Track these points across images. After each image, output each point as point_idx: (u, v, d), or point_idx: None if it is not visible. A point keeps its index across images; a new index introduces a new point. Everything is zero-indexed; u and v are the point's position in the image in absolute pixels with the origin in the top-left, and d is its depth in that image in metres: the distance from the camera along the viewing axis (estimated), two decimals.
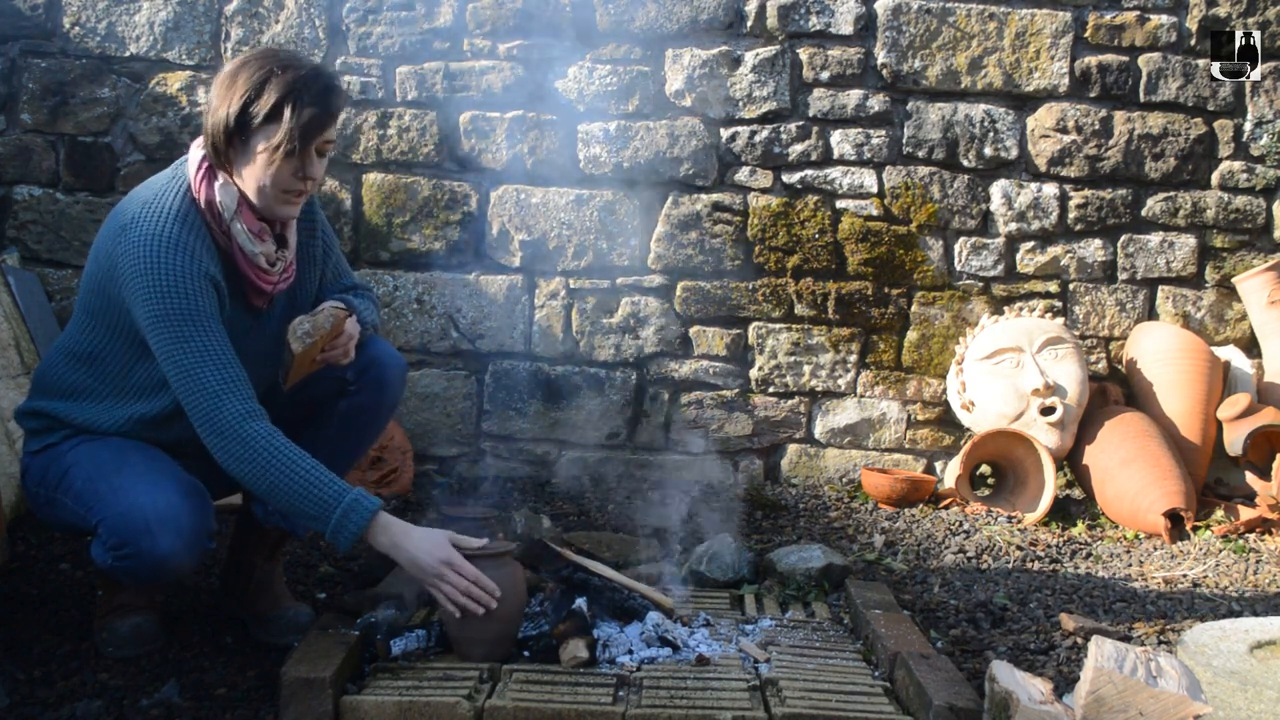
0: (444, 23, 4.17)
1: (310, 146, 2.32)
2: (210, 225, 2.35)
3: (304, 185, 2.35)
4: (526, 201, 4.20)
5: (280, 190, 2.33)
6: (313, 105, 2.28)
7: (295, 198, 2.37)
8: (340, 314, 2.48)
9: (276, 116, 2.27)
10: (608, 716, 2.10)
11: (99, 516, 2.30)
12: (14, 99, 4.11)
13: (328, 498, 2.23)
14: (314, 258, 2.61)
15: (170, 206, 2.31)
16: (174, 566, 2.28)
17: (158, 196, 2.34)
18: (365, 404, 2.59)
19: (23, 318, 3.66)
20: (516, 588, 2.39)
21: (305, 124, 2.27)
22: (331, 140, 2.37)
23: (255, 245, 2.36)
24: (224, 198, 2.33)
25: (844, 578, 3.04)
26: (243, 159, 2.32)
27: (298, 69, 2.30)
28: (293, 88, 2.27)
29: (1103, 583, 3.28)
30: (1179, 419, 4.09)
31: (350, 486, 2.28)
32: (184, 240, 2.28)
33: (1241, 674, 2.06)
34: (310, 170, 2.34)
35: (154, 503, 2.26)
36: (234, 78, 2.30)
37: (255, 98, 2.26)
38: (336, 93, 2.35)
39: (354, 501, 2.25)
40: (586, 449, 4.25)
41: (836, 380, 4.30)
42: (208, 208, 2.34)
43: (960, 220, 4.28)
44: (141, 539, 2.23)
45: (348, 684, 2.23)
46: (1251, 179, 4.31)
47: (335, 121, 2.35)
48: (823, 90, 4.23)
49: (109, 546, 2.28)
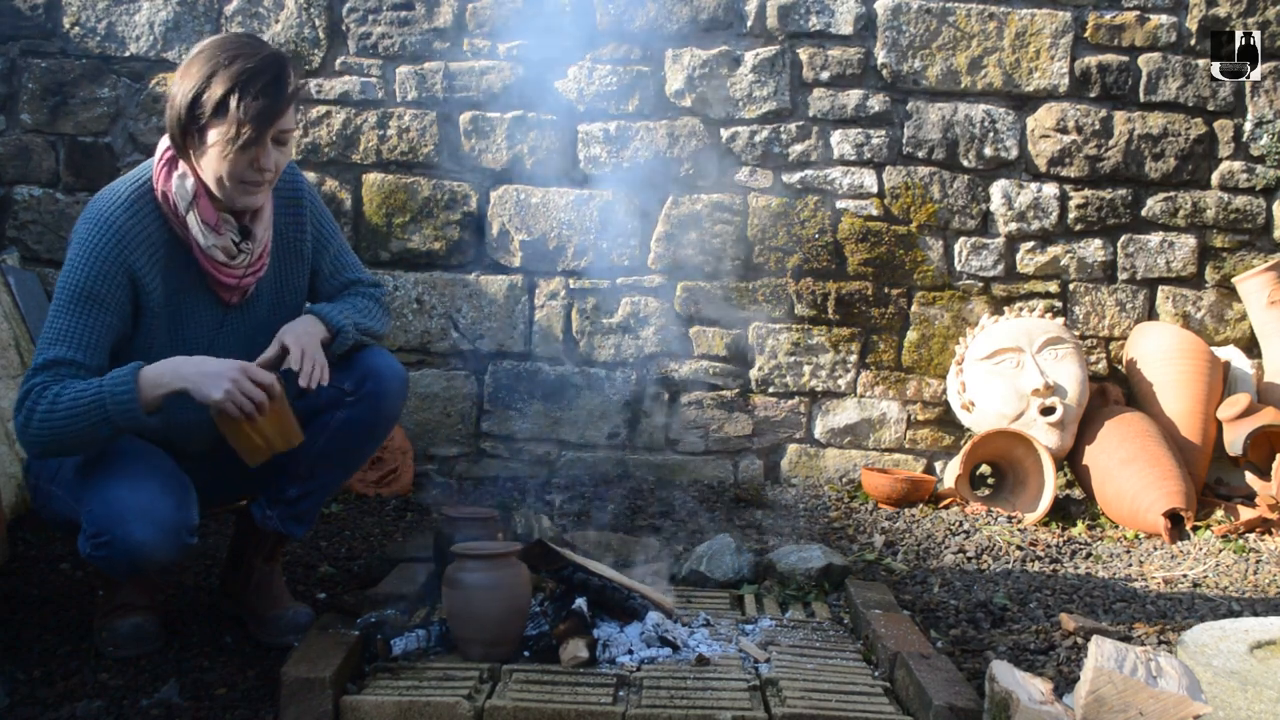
0: (444, 23, 4.17)
1: (264, 138, 2.28)
2: (168, 216, 2.35)
3: (262, 176, 2.33)
4: (526, 201, 4.20)
5: (238, 181, 2.31)
6: (261, 97, 2.25)
7: (254, 188, 2.34)
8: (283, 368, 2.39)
9: (224, 109, 2.24)
10: (608, 716, 2.10)
11: (83, 505, 2.33)
12: (14, 99, 4.11)
13: (90, 397, 2.20)
14: (300, 252, 2.56)
15: (123, 194, 2.34)
16: (149, 557, 2.28)
17: (120, 184, 2.37)
18: (361, 417, 2.51)
19: (23, 318, 3.66)
20: (519, 588, 2.39)
21: (254, 116, 2.24)
22: (289, 129, 2.34)
23: (210, 238, 2.35)
24: (179, 188, 2.33)
25: (844, 578, 3.04)
26: (199, 150, 2.31)
27: (247, 59, 2.26)
28: (238, 79, 2.24)
29: (1103, 583, 3.28)
30: (1179, 419, 4.09)
31: (105, 375, 2.24)
32: (120, 223, 2.30)
33: (1241, 674, 2.06)
34: (265, 161, 2.31)
35: (133, 493, 2.27)
36: (188, 67, 2.29)
37: (204, 89, 2.25)
38: (285, 83, 2.30)
39: (111, 378, 2.22)
40: (586, 449, 4.25)
41: (836, 380, 4.30)
42: (163, 199, 2.34)
43: (960, 220, 4.28)
44: (116, 528, 2.25)
45: (348, 684, 2.23)
46: (1251, 179, 4.31)
47: (285, 112, 2.31)
48: (823, 90, 4.23)
49: (88, 535, 2.31)
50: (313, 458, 2.52)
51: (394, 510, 3.79)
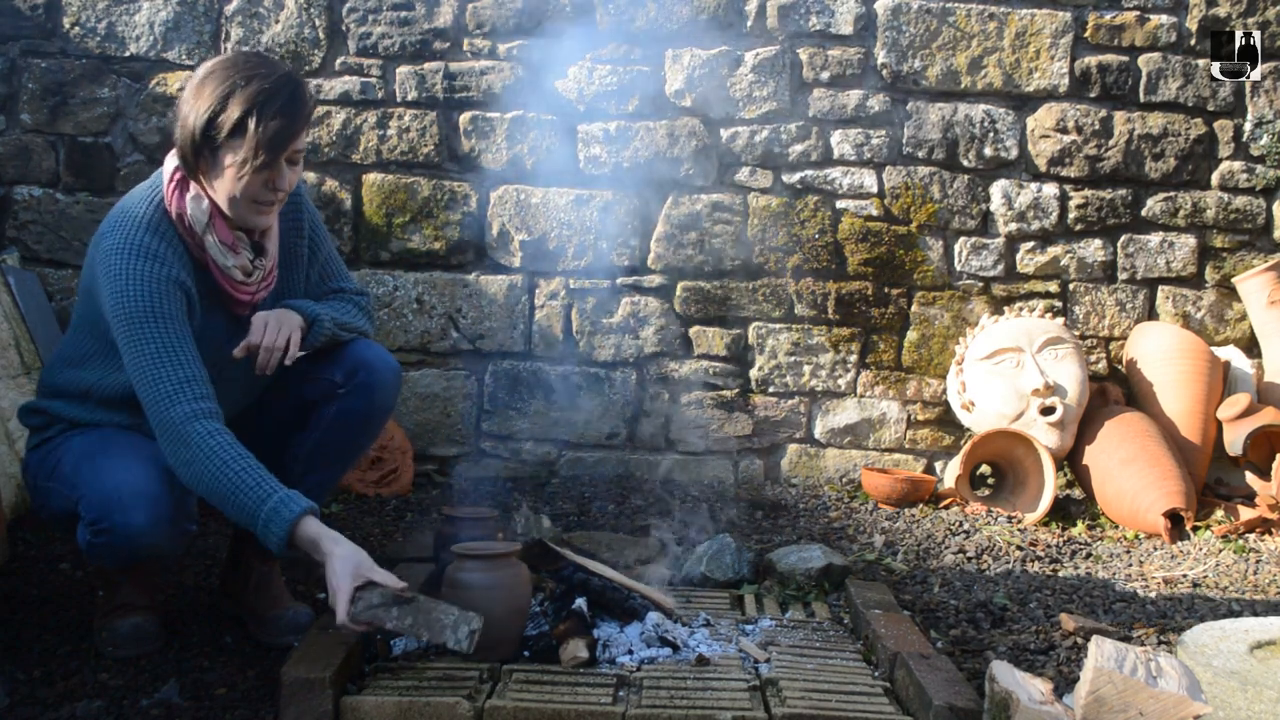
0: (444, 23, 4.17)
1: (279, 158, 2.29)
2: (184, 236, 2.35)
3: (275, 196, 2.34)
4: (526, 201, 4.20)
5: (251, 201, 2.33)
6: (278, 117, 2.25)
7: (267, 208, 2.36)
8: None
9: (241, 131, 2.24)
10: (608, 716, 2.10)
11: (80, 494, 2.33)
12: (14, 99, 4.11)
13: (253, 500, 2.19)
14: (299, 257, 2.58)
15: (142, 216, 2.33)
16: (149, 543, 2.30)
17: (133, 206, 2.36)
18: (354, 408, 2.53)
19: (23, 318, 3.66)
20: (520, 589, 2.39)
21: (271, 137, 2.25)
22: (301, 149, 2.35)
23: (229, 259, 2.37)
24: (195, 211, 2.33)
25: (844, 578, 3.04)
26: (212, 171, 2.31)
27: (263, 80, 2.26)
28: (256, 100, 2.24)
29: (1103, 583, 3.28)
30: (1179, 419, 4.09)
31: (279, 488, 2.22)
32: (153, 247, 2.30)
33: (1241, 674, 2.06)
34: (280, 182, 2.33)
35: (132, 480, 2.28)
36: (200, 88, 2.28)
37: (220, 110, 2.24)
38: (302, 103, 2.30)
39: (279, 502, 2.20)
40: (586, 449, 4.25)
41: (836, 380, 4.30)
42: (179, 220, 2.34)
43: (960, 220, 4.28)
44: (115, 514, 2.25)
45: (348, 684, 2.23)
46: (1251, 179, 4.31)
47: (302, 132, 2.32)
48: (823, 90, 4.23)
49: (88, 523, 2.31)
50: (308, 453, 2.53)
51: (394, 510, 3.79)
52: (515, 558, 2.42)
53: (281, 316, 2.44)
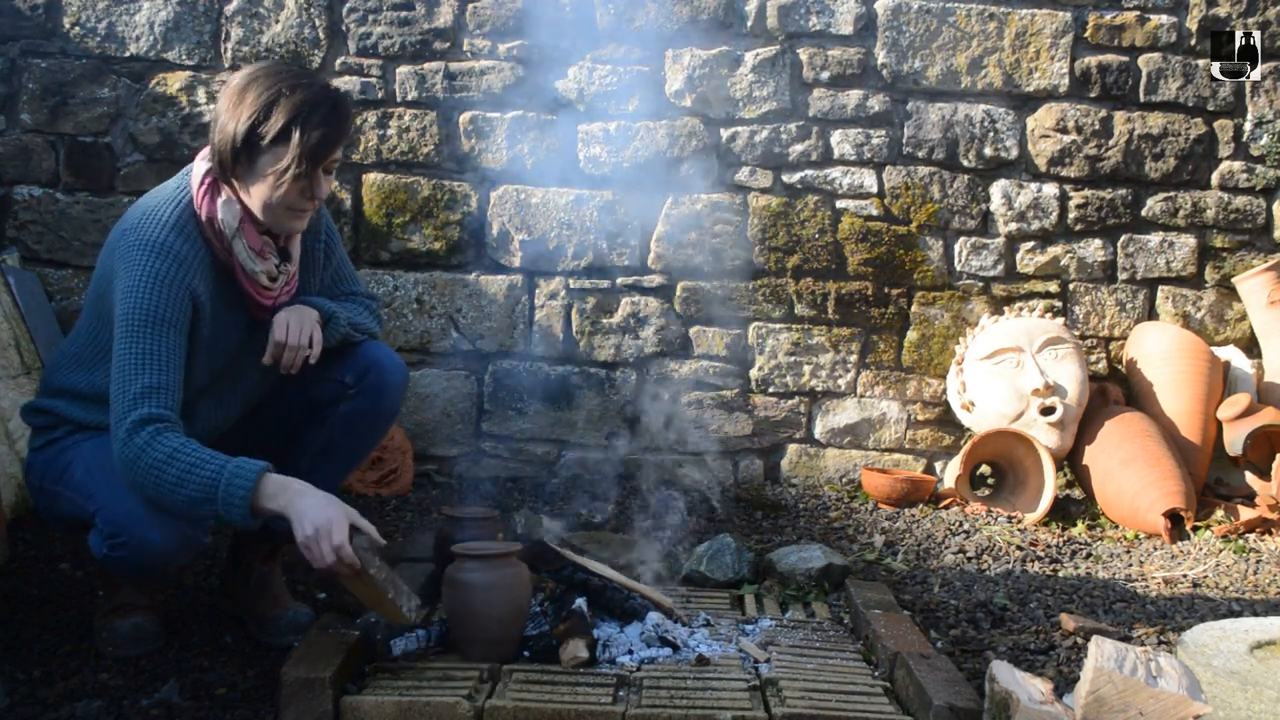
0: (444, 23, 4.17)
1: (319, 168, 2.32)
2: (210, 240, 2.35)
3: (311, 204, 2.37)
4: (526, 201, 4.20)
5: (287, 209, 2.35)
6: (321, 126, 2.28)
7: (301, 214, 2.38)
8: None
9: (285, 139, 2.27)
10: (608, 716, 2.10)
11: (96, 505, 2.32)
12: (14, 99, 4.11)
13: (210, 472, 2.15)
14: (316, 261, 2.61)
15: (169, 216, 2.33)
16: (166, 557, 2.30)
17: (160, 206, 2.35)
18: (363, 409, 2.56)
19: (23, 318, 3.66)
20: (520, 589, 2.39)
21: (314, 146, 2.28)
22: (337, 159, 2.38)
23: (257, 264, 2.38)
24: (226, 215, 2.34)
25: (844, 578, 3.04)
26: (250, 177, 2.32)
27: (306, 89, 2.30)
28: (301, 109, 2.27)
29: (1103, 583, 3.28)
30: (1179, 419, 4.09)
31: (233, 458, 2.19)
32: (176, 248, 2.30)
33: (1241, 674, 2.06)
34: (317, 190, 2.35)
35: None
36: (242, 95, 2.29)
37: (264, 119, 2.26)
38: (344, 112, 2.34)
39: (238, 466, 2.17)
40: (586, 449, 4.25)
41: (836, 380, 4.30)
42: (209, 223, 2.34)
43: (960, 220, 4.28)
44: (134, 529, 2.25)
45: (348, 684, 2.23)
46: (1251, 179, 4.31)
47: (343, 141, 2.35)
48: (823, 90, 4.23)
49: (105, 535, 2.31)
50: (315, 452, 2.54)
51: (394, 510, 3.79)
52: (515, 558, 2.42)
53: (301, 313, 2.46)
